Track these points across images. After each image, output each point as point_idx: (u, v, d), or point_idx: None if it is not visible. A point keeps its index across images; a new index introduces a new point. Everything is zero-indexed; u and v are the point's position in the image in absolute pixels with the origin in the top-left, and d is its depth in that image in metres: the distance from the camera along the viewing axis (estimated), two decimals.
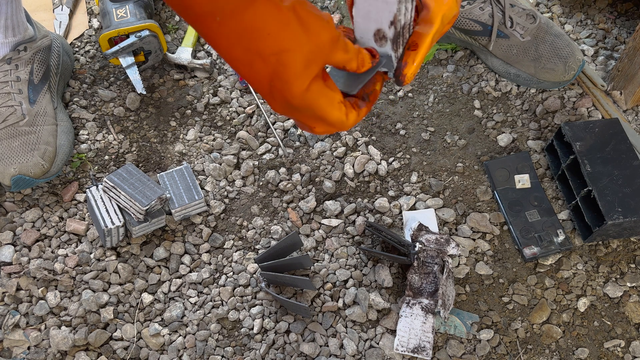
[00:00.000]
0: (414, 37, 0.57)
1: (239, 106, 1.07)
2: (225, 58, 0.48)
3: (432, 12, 0.56)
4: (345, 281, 0.89)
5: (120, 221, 0.88)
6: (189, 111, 1.07)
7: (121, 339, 0.85)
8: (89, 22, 1.18)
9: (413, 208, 0.96)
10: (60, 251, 0.91)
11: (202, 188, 0.98)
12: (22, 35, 0.97)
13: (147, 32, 1.03)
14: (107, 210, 0.89)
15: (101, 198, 0.91)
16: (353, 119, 0.56)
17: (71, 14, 1.19)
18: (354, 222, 0.94)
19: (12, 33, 0.95)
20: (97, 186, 0.93)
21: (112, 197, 0.90)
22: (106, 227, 0.87)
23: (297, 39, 0.47)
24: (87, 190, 0.92)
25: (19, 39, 0.96)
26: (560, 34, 1.04)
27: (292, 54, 0.47)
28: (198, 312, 0.87)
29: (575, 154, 0.91)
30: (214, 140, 1.03)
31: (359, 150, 1.01)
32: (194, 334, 0.86)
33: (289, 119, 1.04)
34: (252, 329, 0.86)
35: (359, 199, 0.97)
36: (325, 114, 0.53)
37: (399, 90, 1.08)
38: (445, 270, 0.84)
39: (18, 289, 0.88)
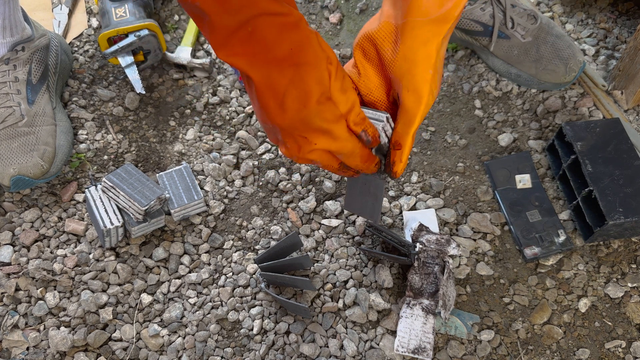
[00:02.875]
0: (396, 136, 0.65)
1: (239, 106, 1.06)
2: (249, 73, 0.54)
3: (411, 114, 0.63)
4: (346, 282, 0.89)
5: (119, 221, 0.88)
6: (188, 111, 1.06)
7: (120, 340, 0.85)
8: (88, 21, 1.18)
9: (413, 208, 0.95)
10: (59, 251, 0.91)
11: (202, 188, 0.98)
12: (20, 35, 0.97)
13: (146, 32, 1.03)
14: (106, 211, 0.89)
15: (100, 198, 0.91)
16: (354, 142, 0.61)
17: (70, 13, 1.18)
18: (354, 222, 0.94)
19: (9, 33, 0.95)
20: (96, 186, 0.92)
21: (111, 197, 0.90)
22: (105, 227, 0.87)
23: (317, 55, 0.55)
24: (86, 190, 0.92)
25: (16, 39, 0.96)
26: (562, 34, 1.04)
27: (311, 67, 0.54)
28: (197, 312, 0.87)
29: (576, 154, 0.91)
30: (213, 140, 1.03)
31: None
32: (193, 335, 0.85)
33: None
34: (252, 329, 0.86)
35: None
36: (331, 128, 0.58)
37: None
38: (445, 270, 0.84)
39: (17, 289, 0.88)
